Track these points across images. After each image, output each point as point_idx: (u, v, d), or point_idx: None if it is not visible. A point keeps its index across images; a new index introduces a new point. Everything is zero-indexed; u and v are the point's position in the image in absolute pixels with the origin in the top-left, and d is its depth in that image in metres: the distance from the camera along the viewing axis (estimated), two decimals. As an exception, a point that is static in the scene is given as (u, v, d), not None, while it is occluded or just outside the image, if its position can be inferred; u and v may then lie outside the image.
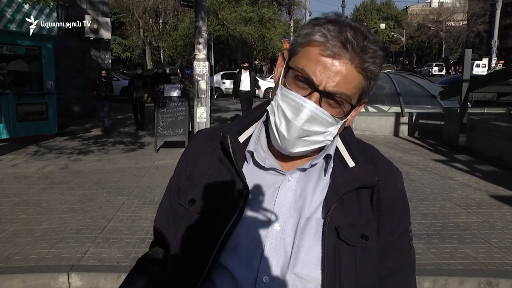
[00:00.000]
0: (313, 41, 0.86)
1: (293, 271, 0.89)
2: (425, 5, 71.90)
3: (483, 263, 3.76)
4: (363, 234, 0.92)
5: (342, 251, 0.90)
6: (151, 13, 36.60)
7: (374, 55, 0.86)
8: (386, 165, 1.02)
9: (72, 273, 3.60)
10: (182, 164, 1.08)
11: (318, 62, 0.84)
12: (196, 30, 8.53)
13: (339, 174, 0.95)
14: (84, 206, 5.27)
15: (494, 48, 40.05)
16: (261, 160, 0.96)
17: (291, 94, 0.88)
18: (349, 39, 0.83)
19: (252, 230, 0.92)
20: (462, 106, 8.59)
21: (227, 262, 0.91)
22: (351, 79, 0.85)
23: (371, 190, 0.95)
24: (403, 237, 1.00)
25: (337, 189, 0.92)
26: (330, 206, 0.91)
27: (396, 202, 0.99)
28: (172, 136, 8.79)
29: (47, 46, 10.29)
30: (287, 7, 35.66)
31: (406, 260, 1.01)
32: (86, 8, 13.53)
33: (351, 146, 0.99)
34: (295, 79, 0.88)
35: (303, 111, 0.86)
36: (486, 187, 6.10)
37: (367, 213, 0.94)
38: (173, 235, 1.03)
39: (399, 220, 0.99)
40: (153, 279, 0.90)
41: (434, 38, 61.71)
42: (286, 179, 0.95)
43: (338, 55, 0.83)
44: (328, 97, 0.86)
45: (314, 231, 0.91)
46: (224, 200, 0.94)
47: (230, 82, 23.54)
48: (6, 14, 9.07)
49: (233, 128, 1.01)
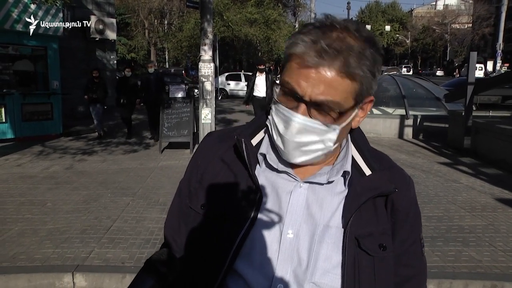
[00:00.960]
0: (292, 54, 0.86)
1: (311, 280, 0.89)
2: (430, 7, 71.80)
3: (488, 266, 3.75)
4: (381, 244, 0.92)
5: (362, 261, 0.90)
6: (157, 14, 36.72)
7: (359, 56, 0.83)
8: (400, 173, 1.02)
9: (77, 273, 3.61)
10: (192, 167, 1.07)
11: (300, 74, 0.84)
12: (202, 31, 8.55)
13: (356, 182, 0.94)
14: (89, 206, 5.29)
15: (499, 51, 39.87)
16: (274, 162, 0.96)
17: (281, 108, 0.89)
18: (322, 47, 0.81)
19: (265, 235, 0.92)
20: (467, 109, 8.56)
21: (241, 268, 0.90)
22: (336, 84, 0.83)
23: (386, 198, 0.95)
24: (416, 245, 1.02)
25: (355, 198, 0.92)
26: (350, 216, 0.91)
27: (410, 210, 1.00)
28: (176, 137, 8.81)
29: (53, 47, 10.35)
30: (292, 8, 35.71)
31: (419, 267, 1.03)
32: (92, 8, 13.60)
33: (366, 154, 0.99)
34: (284, 94, 0.89)
35: (292, 124, 0.86)
36: (491, 190, 6.07)
37: (383, 222, 0.95)
38: (185, 239, 1.02)
39: (412, 228, 1.01)
40: (162, 280, 0.90)
41: (439, 40, 61.59)
42: (298, 185, 0.95)
43: (317, 65, 0.82)
44: (316, 106, 0.85)
45: (333, 239, 0.91)
46: (236, 205, 0.94)
47: (235, 84, 23.62)
48: (13, 15, 9.12)
49: (246, 131, 1.01)
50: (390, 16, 67.75)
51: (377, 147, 5.03)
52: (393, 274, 0.95)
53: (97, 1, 13.89)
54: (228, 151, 1.01)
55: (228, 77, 24.09)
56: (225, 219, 0.94)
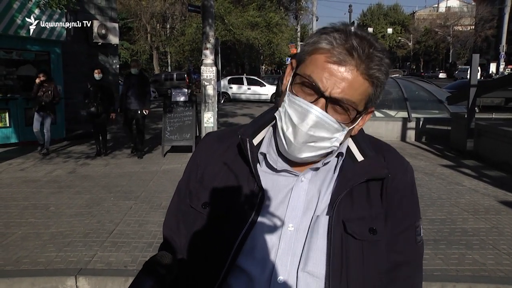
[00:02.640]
0: (320, 48, 0.87)
1: (305, 269, 0.90)
2: (432, 9, 71.78)
3: (491, 270, 3.73)
4: (372, 228, 0.92)
5: (350, 245, 0.91)
6: (159, 18, 36.80)
7: (380, 62, 0.87)
8: (397, 158, 1.03)
9: (80, 277, 3.62)
10: (192, 166, 1.08)
11: (324, 68, 0.86)
12: (204, 35, 8.59)
13: (347, 169, 0.96)
14: (91, 210, 5.31)
15: (502, 53, 39.82)
16: (273, 162, 0.97)
17: (297, 100, 0.89)
18: (354, 46, 0.84)
19: (267, 231, 0.93)
20: (470, 111, 8.55)
21: (244, 264, 0.92)
22: (357, 85, 0.86)
23: (381, 183, 0.96)
24: (409, 231, 1.00)
25: (343, 183, 0.93)
26: (336, 198, 0.92)
27: (405, 194, 0.99)
28: (179, 141, 8.83)
29: (56, 51, 10.41)
30: (294, 12, 35.71)
31: (411, 255, 1.00)
32: (94, 13, 13.65)
33: (359, 141, 1.01)
34: (302, 86, 0.90)
35: (309, 116, 0.87)
36: (494, 193, 6.05)
37: (376, 206, 0.95)
38: (184, 238, 1.03)
39: (406, 213, 0.99)
40: (161, 281, 0.91)
41: (441, 43, 61.54)
42: (299, 180, 0.96)
43: (344, 62, 0.85)
44: (334, 103, 0.87)
45: (323, 228, 0.92)
46: (238, 203, 0.95)
47: (237, 87, 23.64)
48: (17, 20, 9.18)
49: (248, 130, 1.02)
50: (392, 19, 67.78)
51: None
52: (385, 259, 0.95)
53: (99, 6, 13.94)
54: (228, 150, 1.02)
55: (231, 81, 24.13)
56: (227, 217, 0.95)
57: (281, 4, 33.48)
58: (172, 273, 0.93)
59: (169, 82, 27.76)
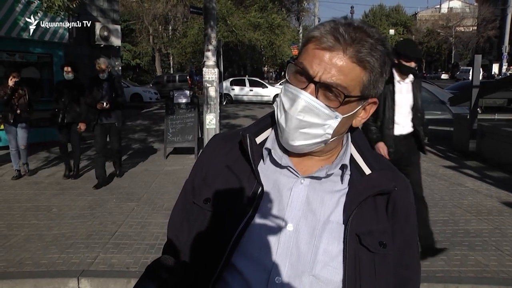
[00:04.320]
0: (311, 37, 0.91)
1: (311, 273, 0.90)
2: (434, 10, 71.63)
3: (494, 271, 3.72)
4: (381, 242, 0.94)
5: (363, 257, 0.92)
6: (161, 20, 36.89)
7: (371, 47, 0.88)
8: (399, 174, 1.04)
9: (82, 278, 3.62)
10: (197, 166, 1.10)
11: (314, 55, 0.88)
12: (206, 37, 8.59)
13: (357, 181, 0.97)
14: (94, 212, 5.31)
15: (505, 53, 39.70)
16: (278, 157, 0.98)
17: (290, 87, 0.92)
18: (340, 32, 0.87)
19: (265, 230, 0.93)
20: (472, 112, 8.53)
21: (239, 262, 0.92)
22: (347, 70, 0.87)
23: (387, 198, 0.97)
24: (415, 246, 1.04)
25: (356, 196, 0.94)
26: (350, 213, 0.93)
27: (410, 211, 1.02)
28: (181, 143, 8.84)
29: (58, 53, 10.44)
30: (296, 13, 35.79)
31: (416, 269, 1.05)
32: (96, 15, 13.71)
33: (365, 154, 1.01)
34: (295, 73, 0.92)
35: (297, 101, 0.89)
36: (497, 194, 6.04)
37: (383, 221, 0.96)
38: (187, 235, 1.04)
39: (412, 229, 1.03)
40: (163, 285, 0.91)
41: (443, 43, 61.42)
42: (298, 181, 0.97)
43: (332, 48, 0.87)
44: (325, 88, 0.88)
45: (334, 234, 0.92)
46: (238, 199, 0.96)
47: (239, 89, 23.66)
48: (19, 22, 9.22)
49: (251, 129, 1.04)
50: (394, 20, 67.64)
51: (381, 151, 4.78)
52: (392, 273, 0.97)
53: (101, 8, 14.00)
54: (233, 149, 1.04)
55: (233, 82, 24.15)
56: (226, 213, 0.96)
57: (283, 5, 33.53)
58: (175, 276, 0.93)
59: (171, 84, 27.79)
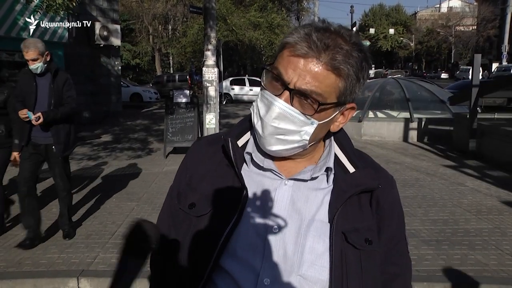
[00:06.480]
0: (286, 43, 0.90)
1: (298, 273, 0.90)
2: (434, 10, 71.60)
3: (494, 270, 3.72)
4: (367, 239, 0.94)
5: (349, 255, 0.92)
6: (161, 20, 36.88)
7: (347, 54, 0.87)
8: (383, 172, 1.05)
9: (82, 278, 3.62)
10: (181, 171, 1.09)
11: (289, 62, 0.88)
12: (205, 37, 8.60)
13: (341, 180, 0.97)
14: (93, 211, 5.31)
15: (505, 53, 39.68)
16: (259, 160, 0.98)
17: (265, 93, 0.92)
18: (313, 40, 0.86)
19: (251, 232, 0.93)
20: (472, 111, 8.54)
21: (227, 264, 0.92)
22: (322, 77, 0.87)
23: (370, 195, 0.98)
24: (402, 243, 1.04)
25: (340, 194, 0.95)
26: (336, 211, 0.93)
27: (395, 207, 1.03)
28: (181, 142, 8.84)
29: (58, 53, 10.44)
30: (296, 13, 35.78)
31: (405, 265, 1.05)
32: (96, 15, 13.70)
33: (349, 153, 1.02)
34: (271, 79, 0.92)
35: (272, 108, 0.89)
36: (497, 193, 6.04)
37: (368, 218, 0.97)
38: (174, 240, 1.03)
39: (398, 225, 1.03)
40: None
41: (443, 43, 61.38)
42: (282, 183, 0.97)
43: (306, 55, 0.86)
44: (300, 95, 0.88)
45: (319, 233, 0.93)
46: (223, 203, 0.96)
47: (239, 88, 23.67)
48: (19, 22, 9.22)
49: (232, 132, 1.04)
50: (394, 19, 67.63)
51: (381, 150, 5.03)
52: (379, 270, 0.97)
53: (101, 8, 14.00)
54: (216, 153, 1.03)
55: (233, 82, 24.16)
56: (212, 217, 0.96)
57: (283, 5, 33.53)
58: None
59: (171, 84, 27.80)
